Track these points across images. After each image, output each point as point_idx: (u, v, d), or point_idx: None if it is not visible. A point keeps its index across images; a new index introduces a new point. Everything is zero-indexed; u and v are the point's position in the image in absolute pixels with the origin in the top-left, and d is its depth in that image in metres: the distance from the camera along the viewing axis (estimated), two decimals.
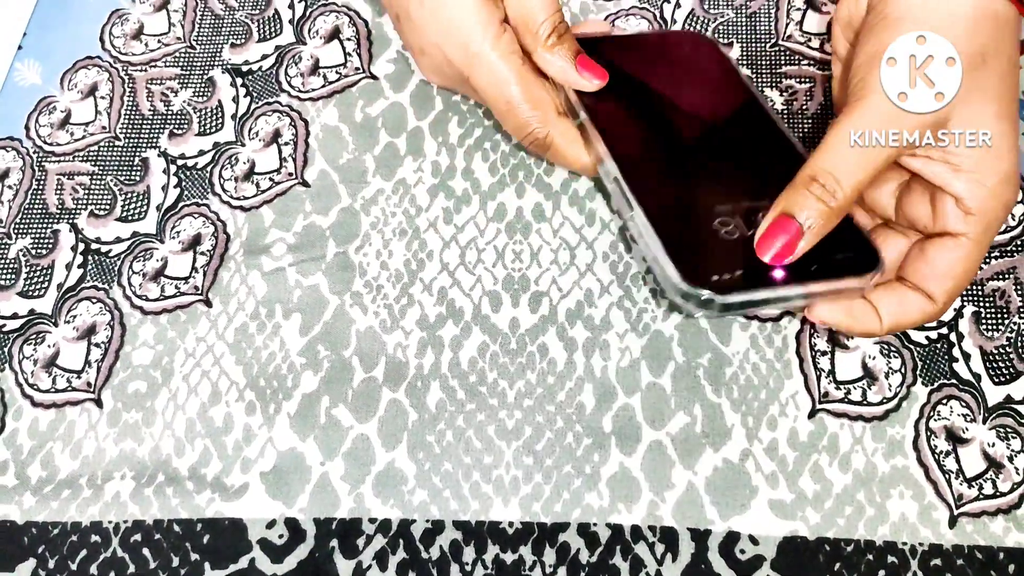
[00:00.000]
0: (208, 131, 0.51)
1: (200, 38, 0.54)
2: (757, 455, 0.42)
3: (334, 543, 0.41)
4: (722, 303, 0.34)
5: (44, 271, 0.48)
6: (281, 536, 0.41)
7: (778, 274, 0.34)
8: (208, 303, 0.47)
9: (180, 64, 0.54)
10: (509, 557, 0.41)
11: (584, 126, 0.40)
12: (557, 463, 0.42)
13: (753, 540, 0.41)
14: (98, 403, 0.45)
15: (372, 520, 0.42)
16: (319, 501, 0.42)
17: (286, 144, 0.50)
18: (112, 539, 0.42)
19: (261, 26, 0.55)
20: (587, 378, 0.44)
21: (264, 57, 0.53)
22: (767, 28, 0.53)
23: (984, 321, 0.44)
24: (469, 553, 0.41)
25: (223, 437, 0.43)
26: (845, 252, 0.35)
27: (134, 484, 0.43)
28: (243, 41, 0.54)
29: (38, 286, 0.48)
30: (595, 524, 0.41)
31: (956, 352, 0.44)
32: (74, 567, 0.41)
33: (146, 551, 0.41)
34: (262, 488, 0.42)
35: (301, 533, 0.41)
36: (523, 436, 0.43)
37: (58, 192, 0.50)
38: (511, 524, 0.41)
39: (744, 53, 0.52)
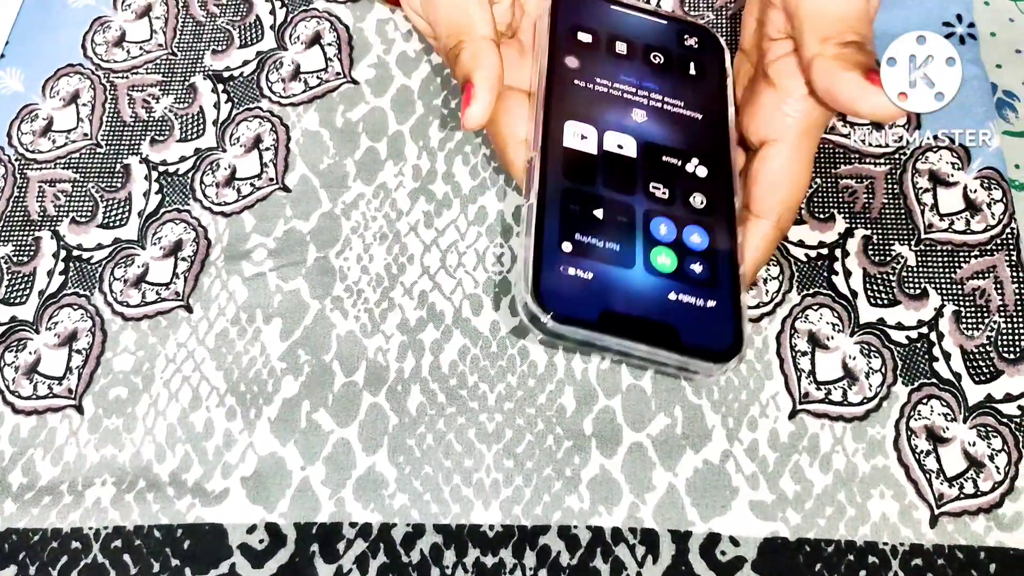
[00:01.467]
0: (189, 137, 0.51)
1: (181, 45, 0.55)
2: (738, 456, 0.42)
3: (315, 547, 0.41)
4: (554, 330, 0.34)
5: (26, 278, 0.48)
6: (262, 541, 0.41)
7: (631, 326, 0.34)
8: (189, 309, 0.46)
9: (162, 71, 0.54)
10: (490, 560, 0.41)
11: (533, 95, 0.40)
12: (537, 466, 0.42)
13: (734, 541, 0.41)
14: (79, 409, 0.45)
15: (353, 524, 0.42)
16: (300, 506, 0.42)
17: (267, 149, 0.50)
18: (93, 545, 0.42)
19: (242, 32, 0.55)
20: (568, 380, 0.44)
21: (245, 63, 0.53)
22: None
23: (964, 320, 0.44)
24: (450, 556, 0.41)
25: (204, 443, 0.43)
26: (712, 331, 0.35)
27: (115, 490, 0.43)
28: (224, 47, 0.54)
29: (19, 293, 0.48)
30: (576, 526, 0.41)
31: (936, 351, 0.44)
32: (55, 574, 0.41)
33: (127, 557, 0.41)
34: (243, 493, 0.42)
35: (282, 538, 0.41)
36: (504, 439, 0.43)
37: (40, 199, 0.50)
38: (492, 527, 0.41)
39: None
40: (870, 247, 0.46)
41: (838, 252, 0.46)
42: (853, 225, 0.47)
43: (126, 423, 0.44)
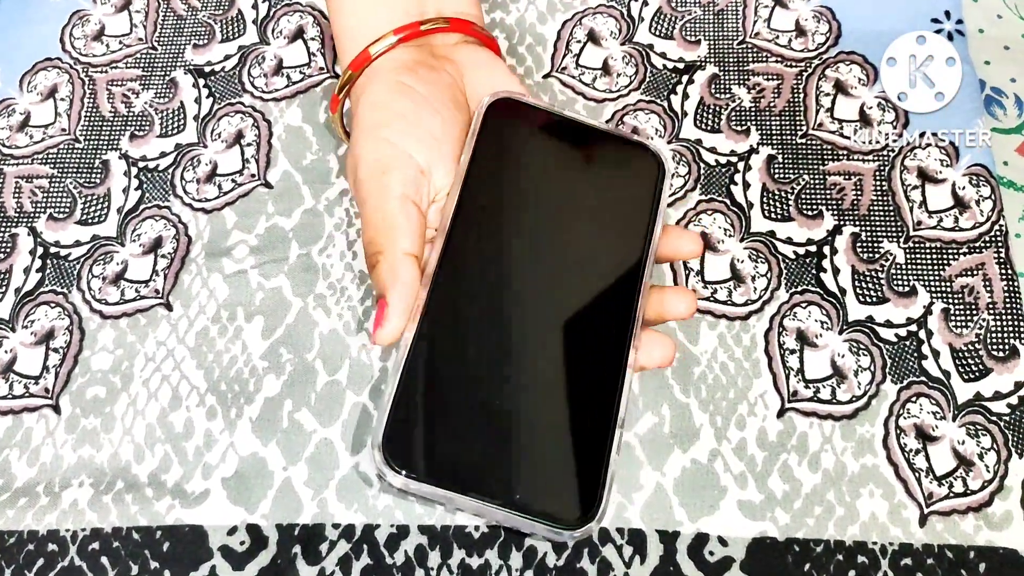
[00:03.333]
0: (170, 132, 0.51)
1: (162, 39, 0.54)
2: (726, 455, 0.42)
3: (297, 549, 0.40)
4: (399, 487, 0.33)
5: (2, 276, 0.47)
6: (243, 543, 0.41)
7: (473, 485, 0.33)
8: (169, 307, 0.46)
9: (141, 65, 0.53)
10: (475, 561, 0.40)
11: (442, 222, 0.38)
12: None
13: (722, 541, 0.40)
14: (56, 409, 0.44)
15: (336, 525, 0.41)
16: (281, 507, 0.41)
17: (249, 145, 0.50)
18: (70, 548, 0.41)
19: (224, 26, 0.54)
20: None
21: (227, 57, 0.53)
22: (735, 25, 0.52)
23: (953, 318, 0.44)
24: (434, 558, 0.40)
25: (184, 443, 0.43)
26: (566, 498, 0.34)
27: (92, 491, 0.42)
28: (206, 42, 0.53)
29: None
30: None
31: (925, 349, 0.44)
32: None
33: (104, 560, 0.40)
34: (223, 494, 0.42)
35: (263, 539, 0.41)
36: None
37: (16, 195, 0.49)
38: (477, 528, 0.41)
39: (712, 51, 0.52)
40: (859, 244, 0.46)
41: (826, 249, 0.46)
42: (841, 222, 0.47)
43: (104, 423, 0.43)
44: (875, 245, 0.46)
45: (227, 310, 0.45)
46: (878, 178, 0.47)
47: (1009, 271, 0.45)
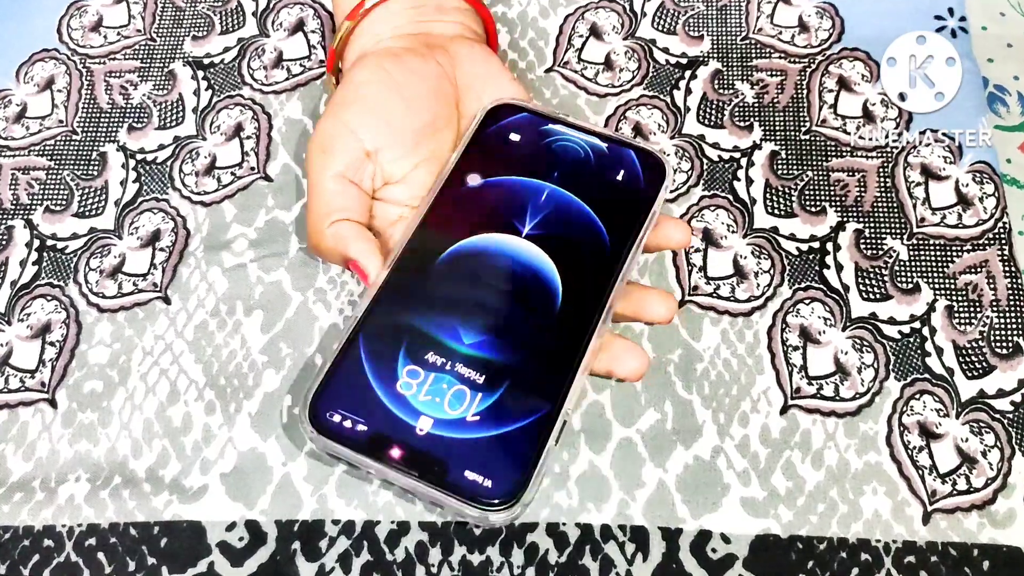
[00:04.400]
0: (168, 125, 0.50)
1: (161, 30, 0.53)
2: (728, 452, 0.42)
3: (296, 545, 0.40)
4: (320, 444, 0.34)
5: None
6: (241, 539, 0.40)
7: (395, 453, 0.34)
8: (167, 300, 0.45)
9: (140, 57, 0.52)
10: (476, 558, 0.40)
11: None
12: None
13: (725, 539, 0.40)
14: (52, 403, 0.43)
15: (335, 522, 0.40)
16: (281, 503, 0.41)
17: (248, 138, 0.49)
18: (66, 543, 0.40)
19: (224, 18, 0.53)
20: None
21: (226, 50, 0.52)
22: (738, 21, 0.52)
23: (957, 315, 0.44)
24: (435, 554, 0.40)
25: (182, 437, 0.42)
26: (492, 477, 0.33)
27: (89, 487, 0.41)
28: (205, 33, 0.53)
29: None
30: (564, 524, 0.40)
31: (929, 346, 0.43)
32: (26, 572, 0.40)
33: (101, 555, 0.40)
34: (222, 490, 0.41)
35: (262, 536, 0.40)
36: None
37: (13, 187, 0.49)
38: (478, 525, 0.40)
39: (715, 46, 0.51)
40: (862, 241, 0.46)
41: (829, 246, 0.46)
42: (845, 219, 0.46)
43: (101, 417, 0.43)
44: (878, 242, 0.46)
45: (226, 304, 0.45)
46: (881, 175, 0.47)
47: (1013, 268, 0.45)
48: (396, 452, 0.34)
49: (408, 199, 0.41)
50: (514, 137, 0.40)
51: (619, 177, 0.40)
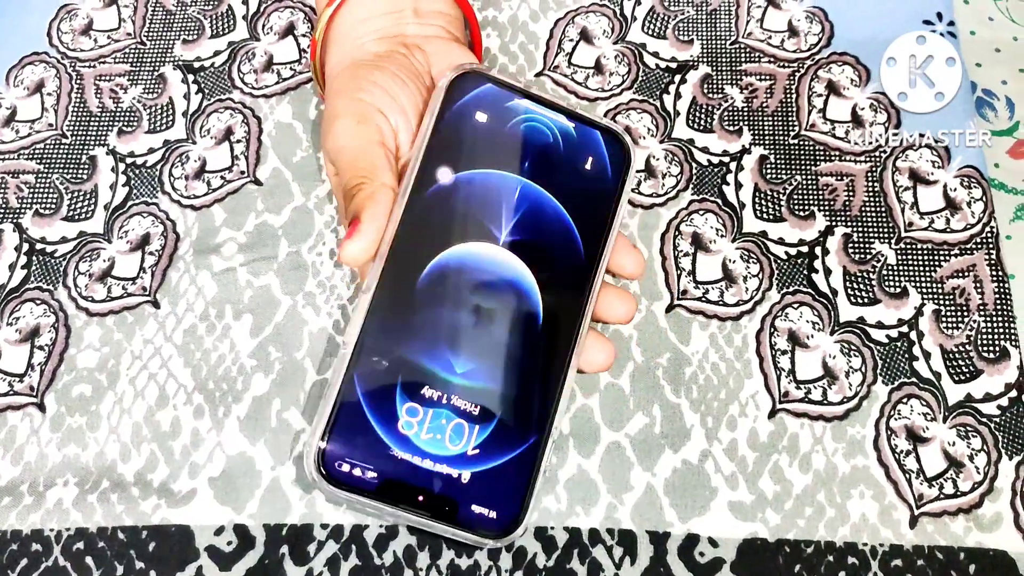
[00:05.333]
0: (158, 128, 0.50)
1: (151, 34, 0.53)
2: (717, 456, 0.42)
3: (284, 549, 0.40)
4: (328, 492, 0.34)
5: None
6: (230, 543, 0.40)
7: (407, 497, 0.35)
8: (156, 304, 0.45)
9: (130, 60, 0.52)
10: (464, 562, 0.40)
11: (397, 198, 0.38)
12: None
13: (713, 542, 0.40)
14: (41, 407, 0.43)
15: (324, 526, 0.41)
16: (269, 506, 0.41)
17: (238, 142, 0.49)
18: (54, 547, 0.40)
19: (214, 22, 0.53)
20: None
21: (217, 53, 0.52)
22: (728, 26, 0.52)
23: (944, 319, 0.44)
24: (423, 559, 0.40)
25: (170, 442, 0.42)
26: (495, 507, 0.35)
27: (77, 491, 0.41)
28: (195, 37, 0.53)
29: None
30: (552, 527, 0.40)
31: (916, 350, 0.44)
32: None
33: (89, 560, 0.40)
34: (210, 494, 0.41)
35: (250, 540, 0.40)
36: None
37: (2, 191, 0.49)
38: None
39: (704, 51, 0.51)
40: (850, 245, 0.46)
41: (818, 250, 0.46)
42: (833, 223, 0.46)
43: (90, 421, 0.43)
44: (867, 246, 0.46)
45: (215, 308, 0.45)
46: (870, 179, 0.47)
47: (1000, 273, 0.45)
48: (408, 495, 0.34)
49: None
50: (481, 118, 0.39)
51: (588, 166, 0.40)
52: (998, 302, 0.44)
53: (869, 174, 0.48)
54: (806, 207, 0.47)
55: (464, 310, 0.37)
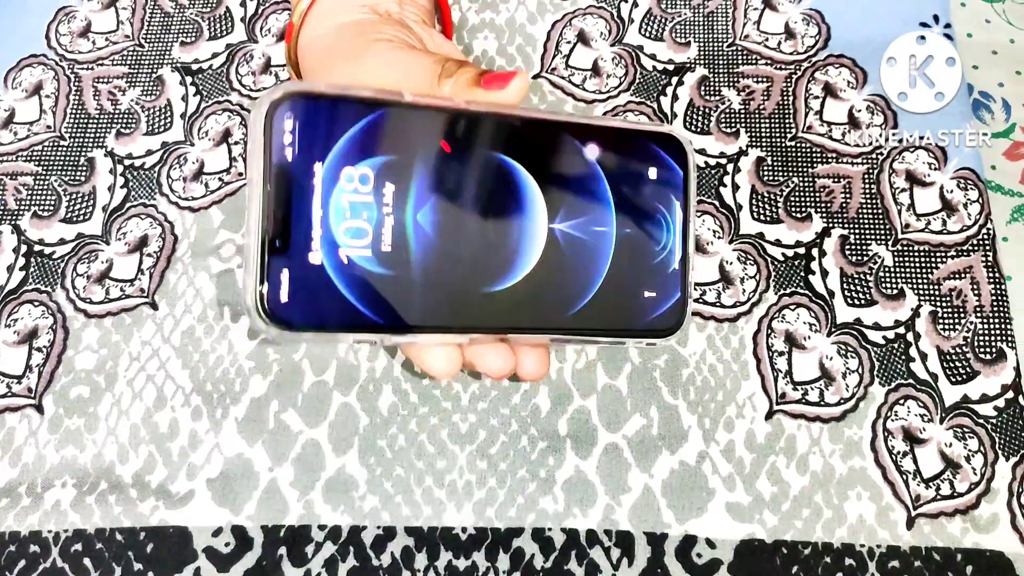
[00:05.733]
0: (156, 130, 0.50)
1: (149, 36, 0.53)
2: (714, 457, 0.42)
3: (282, 551, 0.40)
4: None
5: None
6: (228, 544, 0.40)
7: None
8: (154, 306, 0.45)
9: (128, 62, 0.52)
10: (462, 563, 0.40)
11: None
12: (511, 467, 0.42)
13: (710, 543, 0.40)
14: (39, 409, 0.43)
15: (322, 527, 0.41)
16: (267, 508, 0.41)
17: (236, 143, 0.49)
18: (52, 549, 0.40)
19: (212, 24, 0.53)
20: (542, 380, 0.43)
21: (215, 55, 0.52)
22: (724, 28, 0.52)
23: (941, 320, 0.44)
24: (421, 560, 0.40)
25: (168, 443, 0.42)
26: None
27: (75, 492, 0.41)
28: (193, 39, 0.53)
29: None
30: (550, 529, 0.40)
31: (913, 352, 0.44)
32: None
33: (87, 561, 0.40)
34: (208, 495, 0.41)
35: (248, 541, 0.40)
36: (477, 440, 0.42)
37: (0, 193, 0.49)
38: (464, 530, 0.40)
39: (701, 53, 0.52)
40: (847, 247, 0.46)
41: (815, 252, 0.46)
42: (830, 224, 0.47)
43: (88, 423, 0.43)
44: (863, 248, 0.46)
45: (213, 309, 0.45)
46: (867, 181, 0.47)
47: (996, 274, 0.45)
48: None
49: None
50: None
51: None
52: (995, 304, 0.44)
53: (866, 176, 0.48)
54: (803, 209, 0.47)
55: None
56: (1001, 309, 0.44)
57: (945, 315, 0.44)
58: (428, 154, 0.30)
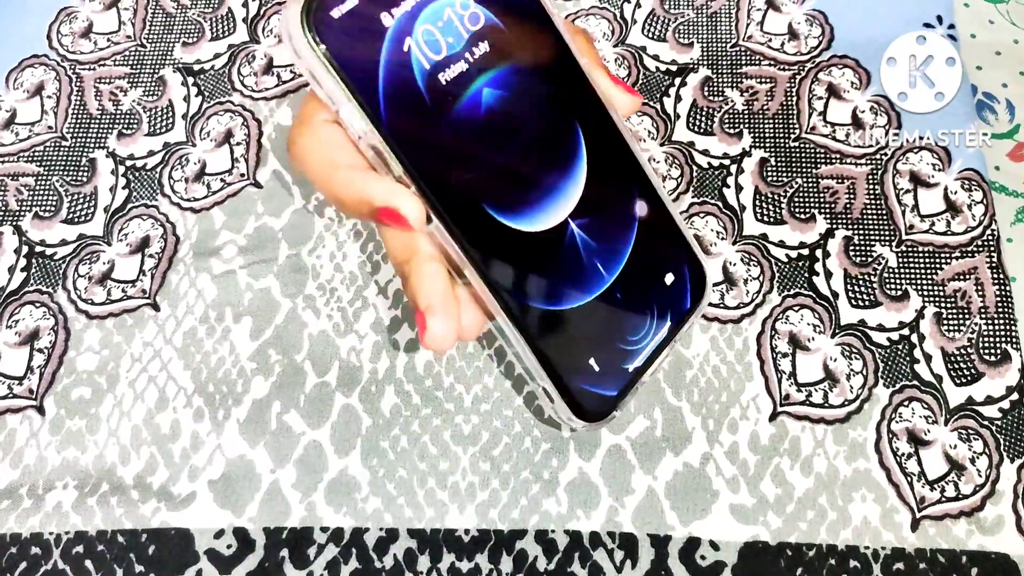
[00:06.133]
0: (158, 131, 0.50)
1: (151, 36, 0.53)
2: (718, 459, 0.42)
3: (284, 553, 0.40)
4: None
5: None
6: (229, 546, 0.40)
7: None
8: (156, 307, 0.45)
9: (130, 63, 0.52)
10: (465, 565, 0.40)
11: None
12: (515, 469, 0.41)
13: (714, 546, 0.40)
14: (40, 410, 0.43)
15: (324, 529, 0.40)
16: (269, 510, 0.41)
17: (238, 144, 0.49)
18: (53, 551, 0.40)
19: (214, 24, 0.53)
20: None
21: (216, 56, 0.52)
22: (728, 28, 0.52)
23: (945, 322, 0.44)
24: (424, 562, 0.40)
25: (170, 444, 0.42)
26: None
27: (77, 494, 0.41)
28: (195, 40, 0.53)
29: None
30: (553, 531, 0.40)
31: (917, 353, 0.43)
32: None
33: (89, 563, 0.40)
34: (210, 497, 0.41)
35: (250, 543, 0.40)
36: (480, 441, 0.42)
37: (2, 193, 0.49)
38: (467, 532, 0.40)
39: (704, 53, 0.51)
40: (851, 248, 0.46)
41: (819, 253, 0.46)
42: (834, 226, 0.46)
43: (89, 424, 0.43)
44: (867, 249, 0.46)
45: (215, 310, 0.45)
46: (870, 182, 0.47)
47: (1001, 275, 0.45)
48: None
49: None
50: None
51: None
52: (999, 305, 0.44)
53: (870, 177, 0.47)
54: (807, 210, 0.47)
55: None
56: (1006, 310, 0.44)
57: (949, 316, 0.44)
58: (526, 58, 0.28)
